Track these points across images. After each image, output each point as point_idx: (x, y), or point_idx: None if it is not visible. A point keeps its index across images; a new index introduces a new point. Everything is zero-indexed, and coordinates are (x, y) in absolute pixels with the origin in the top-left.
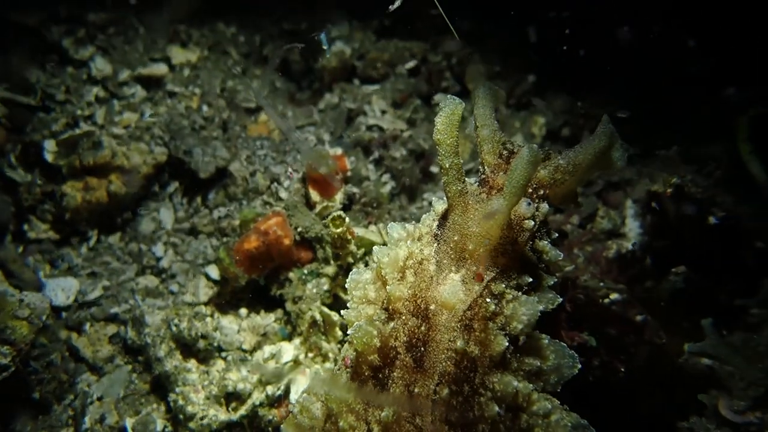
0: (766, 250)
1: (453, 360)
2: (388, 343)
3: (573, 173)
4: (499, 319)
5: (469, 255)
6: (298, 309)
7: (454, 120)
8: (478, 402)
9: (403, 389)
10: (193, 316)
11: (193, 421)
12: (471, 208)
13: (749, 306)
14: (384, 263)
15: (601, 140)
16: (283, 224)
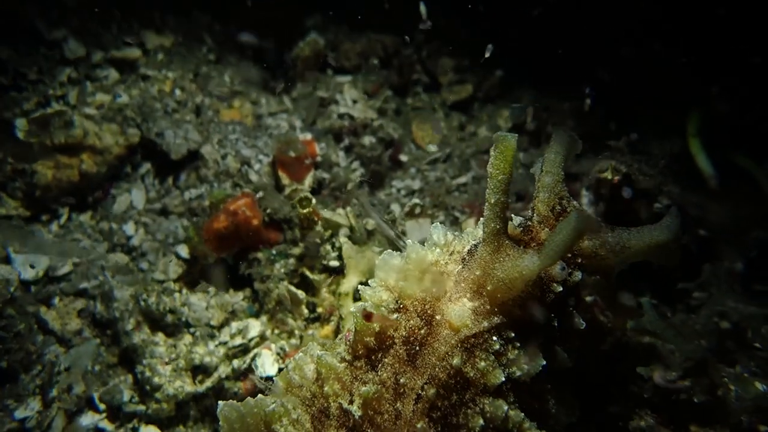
0: (708, 237)
1: (446, 371)
2: (387, 331)
3: (618, 254)
4: (502, 359)
5: (486, 294)
6: (266, 287)
7: (508, 156)
8: (464, 412)
9: (391, 375)
10: (161, 291)
11: (160, 392)
12: (503, 252)
13: (691, 290)
14: (411, 259)
15: (662, 233)
16: (252, 205)
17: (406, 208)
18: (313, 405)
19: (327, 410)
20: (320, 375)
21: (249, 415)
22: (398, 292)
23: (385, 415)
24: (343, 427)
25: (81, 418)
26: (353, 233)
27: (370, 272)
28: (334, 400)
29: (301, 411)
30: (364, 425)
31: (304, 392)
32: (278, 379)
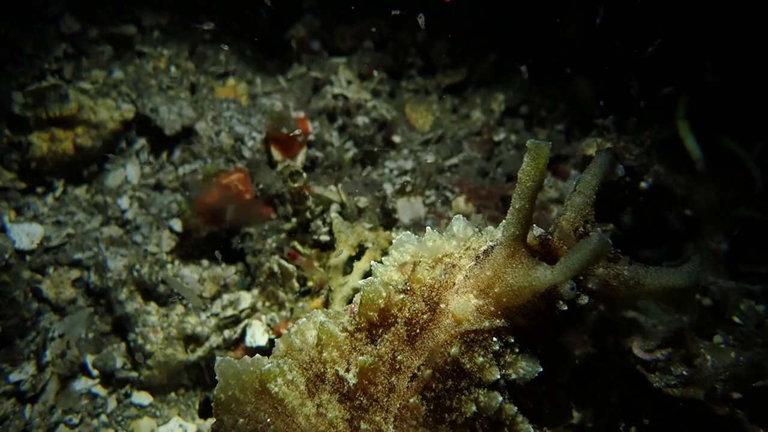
0: (694, 217)
1: (443, 358)
2: (391, 309)
3: (630, 288)
4: (500, 360)
5: (493, 295)
6: (258, 261)
7: (540, 165)
8: (458, 397)
9: (389, 351)
10: (154, 262)
11: (151, 359)
12: (517, 258)
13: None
14: (426, 246)
15: (681, 279)
16: (244, 180)
17: (396, 185)
18: (310, 369)
19: (323, 375)
20: (321, 341)
21: (245, 373)
22: (409, 274)
23: (379, 386)
24: (336, 392)
25: (74, 382)
26: (344, 209)
27: (360, 246)
28: (331, 366)
29: (297, 373)
30: (358, 393)
31: (302, 356)
32: (279, 342)
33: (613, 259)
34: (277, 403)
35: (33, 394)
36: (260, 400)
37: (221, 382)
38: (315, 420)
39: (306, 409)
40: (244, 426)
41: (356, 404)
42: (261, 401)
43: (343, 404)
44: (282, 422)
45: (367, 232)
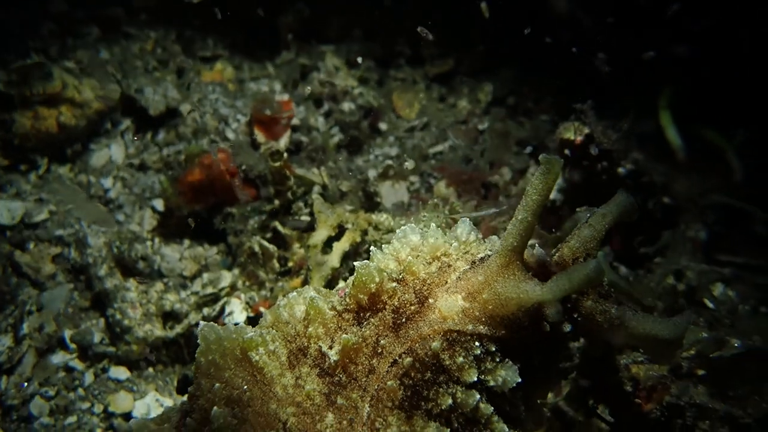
0: (672, 205)
1: (425, 350)
2: (381, 296)
3: (614, 328)
4: (480, 365)
5: (479, 301)
6: (239, 241)
7: (550, 181)
8: (435, 389)
9: (373, 335)
10: (134, 239)
11: (129, 335)
12: (510, 269)
13: (651, 254)
14: (428, 242)
15: (666, 330)
16: (227, 160)
17: (379, 169)
18: (294, 342)
19: (306, 350)
20: (308, 316)
21: (227, 339)
22: (405, 265)
23: (360, 366)
24: (317, 367)
25: (51, 356)
26: (326, 192)
27: (340, 227)
28: (315, 342)
29: (279, 344)
30: (338, 370)
31: (288, 329)
32: (267, 313)
33: (604, 294)
34: (256, 371)
35: (9, 366)
36: (239, 367)
37: (202, 346)
38: (292, 390)
39: (285, 379)
40: (220, 390)
41: (335, 380)
42: (240, 368)
43: (322, 379)
44: (259, 390)
45: (348, 213)
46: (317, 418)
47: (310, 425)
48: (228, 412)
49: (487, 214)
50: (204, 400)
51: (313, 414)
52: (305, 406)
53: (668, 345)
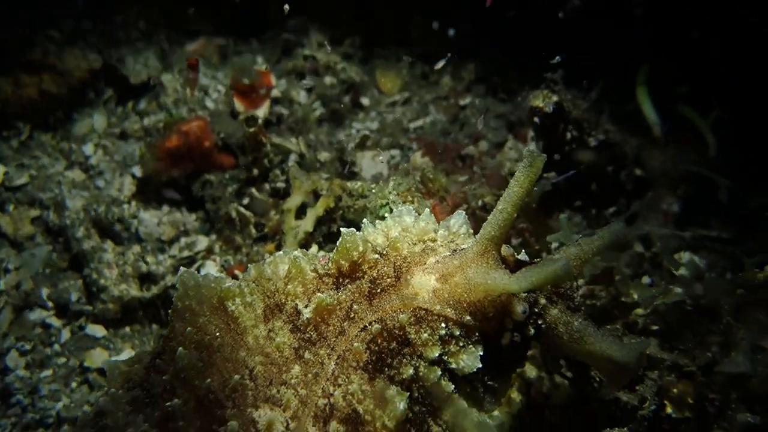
0: (644, 177)
1: (393, 322)
2: (362, 265)
3: (573, 341)
4: (445, 347)
5: (450, 283)
6: (217, 207)
7: (532, 176)
8: (399, 359)
9: (348, 299)
10: (111, 202)
11: (105, 293)
12: (485, 258)
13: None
14: (418, 225)
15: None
16: (204, 128)
17: (356, 139)
18: (272, 298)
19: (282, 306)
20: (290, 274)
21: (205, 287)
22: (391, 241)
23: (331, 327)
24: (291, 323)
25: (29, 313)
26: (303, 160)
27: (315, 193)
28: (292, 299)
29: (257, 298)
30: (309, 328)
31: (269, 285)
32: (252, 268)
33: (572, 308)
34: (231, 320)
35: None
36: (215, 314)
37: (180, 291)
38: (263, 342)
39: (257, 330)
40: (191, 334)
41: (306, 337)
42: (215, 316)
43: (293, 334)
44: (231, 338)
45: (323, 181)
46: (284, 369)
47: (275, 374)
48: (195, 355)
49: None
50: (175, 343)
51: (281, 365)
52: (274, 357)
53: (623, 368)
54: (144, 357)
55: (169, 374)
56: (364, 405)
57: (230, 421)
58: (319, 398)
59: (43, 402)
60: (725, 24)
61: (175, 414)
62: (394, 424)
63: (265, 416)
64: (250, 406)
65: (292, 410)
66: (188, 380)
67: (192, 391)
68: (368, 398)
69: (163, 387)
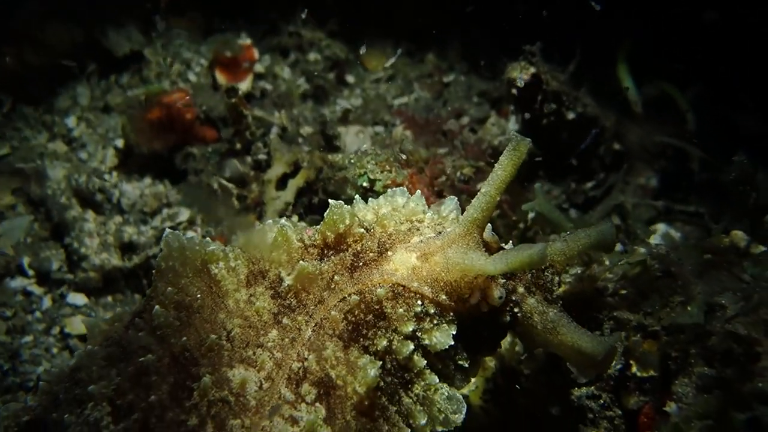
0: (622, 152)
1: (371, 295)
2: (347, 238)
3: (546, 331)
4: (419, 323)
5: (429, 262)
6: (199, 180)
7: (516, 160)
8: (374, 331)
9: (330, 270)
10: (93, 172)
11: (86, 262)
12: (466, 239)
13: (599, 197)
14: (408, 206)
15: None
16: (186, 100)
17: (338, 113)
18: (257, 264)
19: (266, 273)
20: (276, 242)
21: (189, 249)
22: (378, 218)
23: (311, 296)
24: (271, 289)
25: (10, 281)
26: (285, 133)
27: (296, 164)
28: (276, 267)
29: (241, 263)
30: (290, 294)
31: (255, 252)
32: (240, 235)
33: (550, 300)
34: (213, 283)
35: None
36: (197, 277)
37: (165, 252)
38: (243, 305)
39: (239, 294)
40: (172, 294)
41: (286, 303)
42: (197, 278)
43: (274, 300)
44: (211, 300)
45: (304, 153)
46: (261, 333)
47: (253, 337)
48: (174, 315)
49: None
50: (156, 302)
51: (258, 328)
52: (252, 320)
53: (590, 360)
54: (125, 316)
55: (146, 331)
56: (337, 370)
57: (203, 377)
58: (293, 362)
59: (24, 366)
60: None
61: (149, 369)
62: (364, 390)
63: (239, 375)
64: (225, 366)
65: (267, 371)
66: (164, 338)
67: (168, 349)
68: (341, 364)
69: (139, 344)
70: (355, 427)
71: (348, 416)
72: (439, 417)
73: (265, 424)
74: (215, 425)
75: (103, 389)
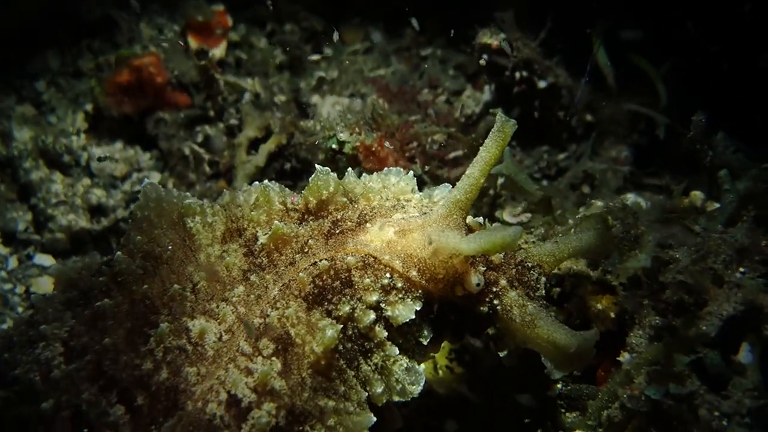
0: (593, 123)
1: (342, 262)
2: (328, 205)
3: (525, 325)
4: (386, 295)
5: (407, 238)
6: (170, 146)
7: (500, 140)
8: (338, 297)
9: (307, 234)
10: (59, 133)
11: (53, 222)
12: (447, 221)
13: (571, 167)
14: (399, 185)
15: (566, 337)
16: (157, 64)
17: (313, 82)
18: (236, 222)
19: (243, 231)
20: (257, 201)
21: (167, 201)
22: (364, 190)
23: (283, 257)
24: (245, 247)
25: None
26: (259, 100)
27: (267, 130)
28: (253, 226)
29: (219, 219)
30: (262, 253)
31: (236, 211)
32: (226, 193)
33: (532, 297)
34: (187, 236)
35: None
36: (172, 229)
37: (142, 201)
38: (214, 260)
39: (211, 249)
40: (142, 244)
41: (257, 261)
42: (172, 230)
43: (246, 258)
44: (183, 253)
45: (276, 119)
46: (228, 288)
47: (218, 291)
48: (139, 263)
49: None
50: (126, 251)
51: (226, 283)
52: (221, 275)
53: (566, 355)
54: (93, 264)
55: (107, 276)
56: (297, 329)
57: (161, 324)
58: (256, 317)
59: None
60: None
61: (105, 313)
62: (321, 350)
63: (199, 325)
64: (186, 316)
65: (228, 324)
66: (125, 284)
67: (128, 296)
68: (302, 323)
69: (99, 289)
70: (310, 384)
71: (304, 373)
72: (396, 387)
73: (220, 374)
74: (170, 371)
75: (56, 330)
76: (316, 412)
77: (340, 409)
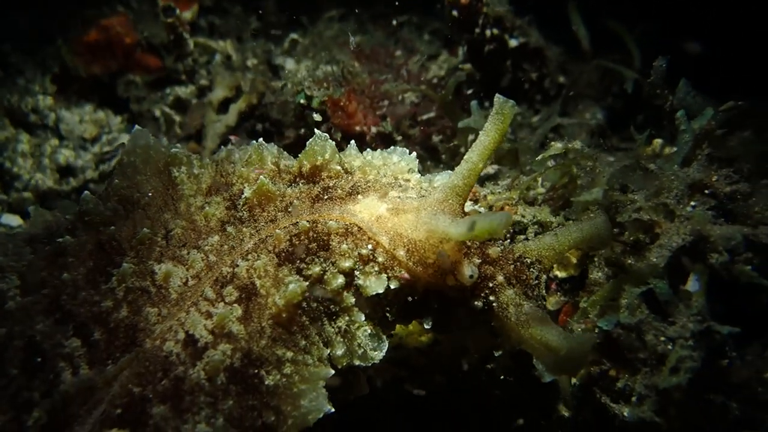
0: (567, 84)
1: (323, 226)
2: (321, 171)
3: (519, 324)
4: (364, 266)
5: (401, 218)
6: (141, 108)
7: (500, 124)
8: (311, 258)
9: (293, 195)
10: (24, 91)
11: (19, 182)
12: (443, 205)
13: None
14: (399, 164)
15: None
16: (125, 23)
17: (285, 45)
18: (225, 177)
19: (230, 186)
20: (250, 158)
21: (154, 149)
22: (363, 163)
23: (265, 213)
24: (228, 201)
25: None
26: (230, 62)
27: (238, 89)
28: (242, 182)
29: (206, 172)
30: (244, 207)
31: (228, 167)
32: (223, 150)
33: (530, 296)
34: (171, 185)
35: None
36: (156, 177)
37: (129, 146)
38: (194, 209)
39: (193, 200)
40: (118, 186)
41: (237, 215)
42: (156, 178)
43: (228, 210)
44: (161, 200)
45: (247, 80)
46: (203, 237)
47: (192, 239)
48: (111, 206)
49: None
50: (105, 194)
51: (201, 233)
52: (198, 224)
53: (558, 358)
54: (71, 207)
55: (73, 215)
56: (263, 281)
57: (124, 264)
58: (225, 266)
59: None
60: None
61: (66, 250)
62: (283, 303)
63: (165, 268)
64: (153, 260)
65: (196, 270)
66: (91, 224)
67: (94, 236)
68: (269, 277)
69: (65, 227)
70: (269, 333)
71: (264, 323)
72: (358, 351)
73: (181, 315)
74: (130, 310)
75: (13, 262)
76: (273, 360)
77: (299, 360)
